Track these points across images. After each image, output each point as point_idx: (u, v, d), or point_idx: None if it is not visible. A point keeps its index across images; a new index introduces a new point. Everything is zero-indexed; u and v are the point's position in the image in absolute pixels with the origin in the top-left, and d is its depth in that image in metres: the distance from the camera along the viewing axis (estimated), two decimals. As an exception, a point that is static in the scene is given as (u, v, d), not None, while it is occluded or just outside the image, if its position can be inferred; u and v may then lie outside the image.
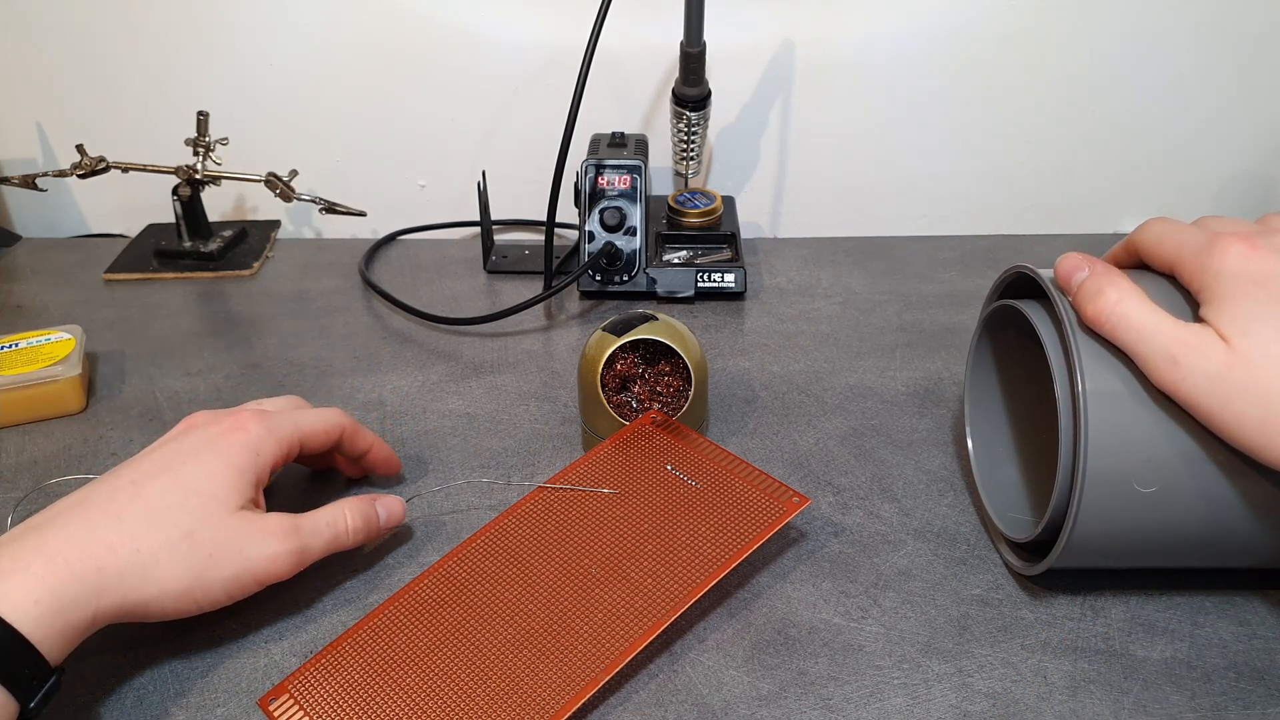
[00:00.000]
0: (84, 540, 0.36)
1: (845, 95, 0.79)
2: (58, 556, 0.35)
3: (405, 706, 0.38)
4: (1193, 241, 0.38)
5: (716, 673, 0.41)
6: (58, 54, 0.80)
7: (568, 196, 0.69)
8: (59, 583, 0.35)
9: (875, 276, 0.74)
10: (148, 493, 0.39)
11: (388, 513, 0.46)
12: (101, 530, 0.37)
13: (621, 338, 0.50)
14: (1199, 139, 0.80)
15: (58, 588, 0.35)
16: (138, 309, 0.71)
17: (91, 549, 0.36)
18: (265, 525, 0.41)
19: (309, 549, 0.42)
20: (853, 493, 0.51)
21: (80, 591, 0.35)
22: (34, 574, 0.35)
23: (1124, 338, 0.37)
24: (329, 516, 0.44)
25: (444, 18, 0.77)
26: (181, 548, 0.38)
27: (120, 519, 0.38)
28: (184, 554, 0.38)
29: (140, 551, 0.37)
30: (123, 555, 0.37)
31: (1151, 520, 0.39)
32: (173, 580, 0.38)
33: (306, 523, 0.43)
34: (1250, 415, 0.35)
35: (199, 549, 0.39)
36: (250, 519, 0.41)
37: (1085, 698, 0.39)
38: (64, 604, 0.35)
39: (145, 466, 0.40)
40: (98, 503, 0.38)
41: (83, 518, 0.37)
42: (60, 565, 0.35)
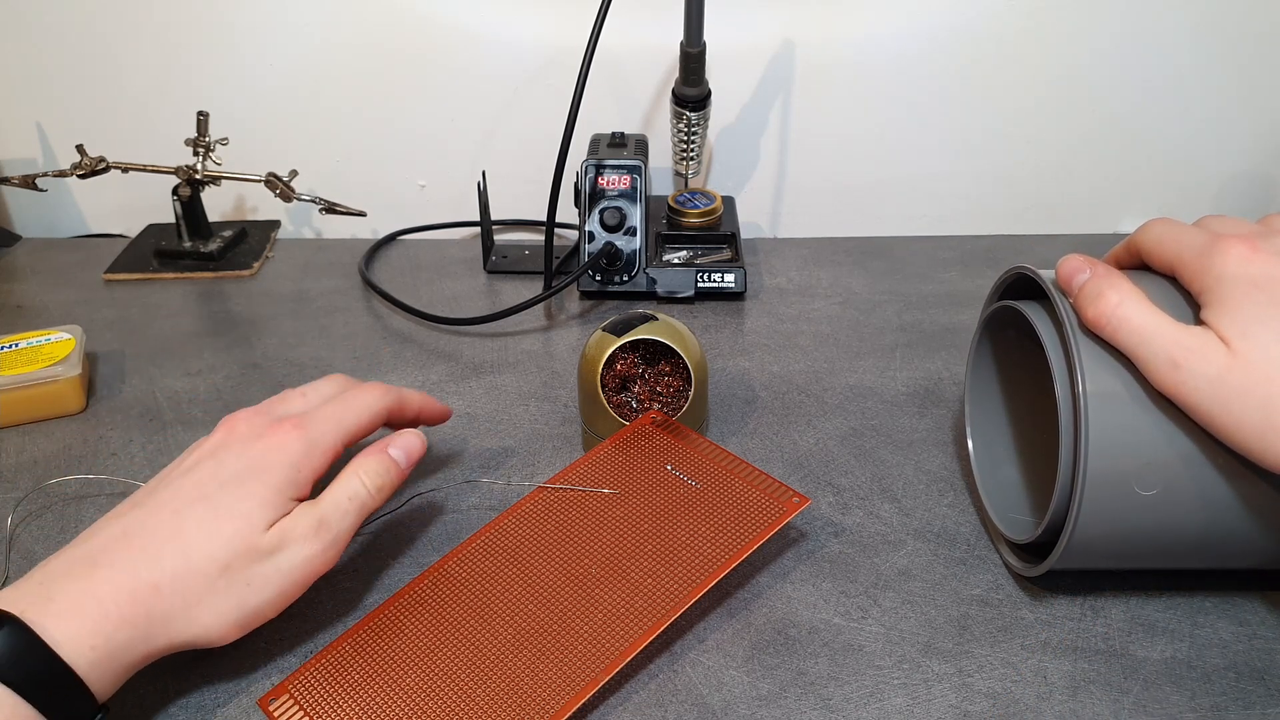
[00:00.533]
0: (131, 584, 0.36)
1: (845, 95, 0.79)
2: (109, 602, 0.36)
3: (405, 706, 0.38)
4: (1194, 243, 0.38)
5: (716, 673, 0.41)
6: (58, 54, 0.80)
7: (568, 196, 0.69)
8: (113, 629, 0.35)
9: (875, 276, 0.74)
10: (186, 525, 0.38)
11: (406, 453, 0.45)
12: (145, 570, 0.37)
13: (621, 338, 0.50)
14: (1199, 139, 0.80)
15: (111, 634, 0.35)
16: (138, 309, 0.71)
17: (138, 593, 0.36)
18: (295, 531, 0.40)
19: (340, 534, 0.41)
20: (853, 493, 0.51)
21: (131, 636, 0.36)
22: (89, 619, 0.35)
23: (1125, 340, 0.37)
24: (348, 490, 0.42)
25: (444, 18, 0.77)
26: (220, 583, 0.38)
27: (160, 557, 0.37)
28: (223, 588, 0.38)
29: (182, 592, 0.37)
30: (166, 597, 0.37)
31: (1152, 523, 0.39)
32: (216, 615, 0.38)
33: (329, 508, 0.41)
34: (1251, 418, 0.35)
35: (237, 580, 0.38)
36: (281, 531, 0.40)
37: (1085, 698, 0.39)
38: (116, 649, 0.35)
39: (185, 491, 0.40)
40: (139, 536, 0.38)
41: (127, 556, 0.37)
42: (112, 611, 0.35)
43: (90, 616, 0.35)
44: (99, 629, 0.35)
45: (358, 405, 0.45)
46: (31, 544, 0.48)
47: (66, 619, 0.35)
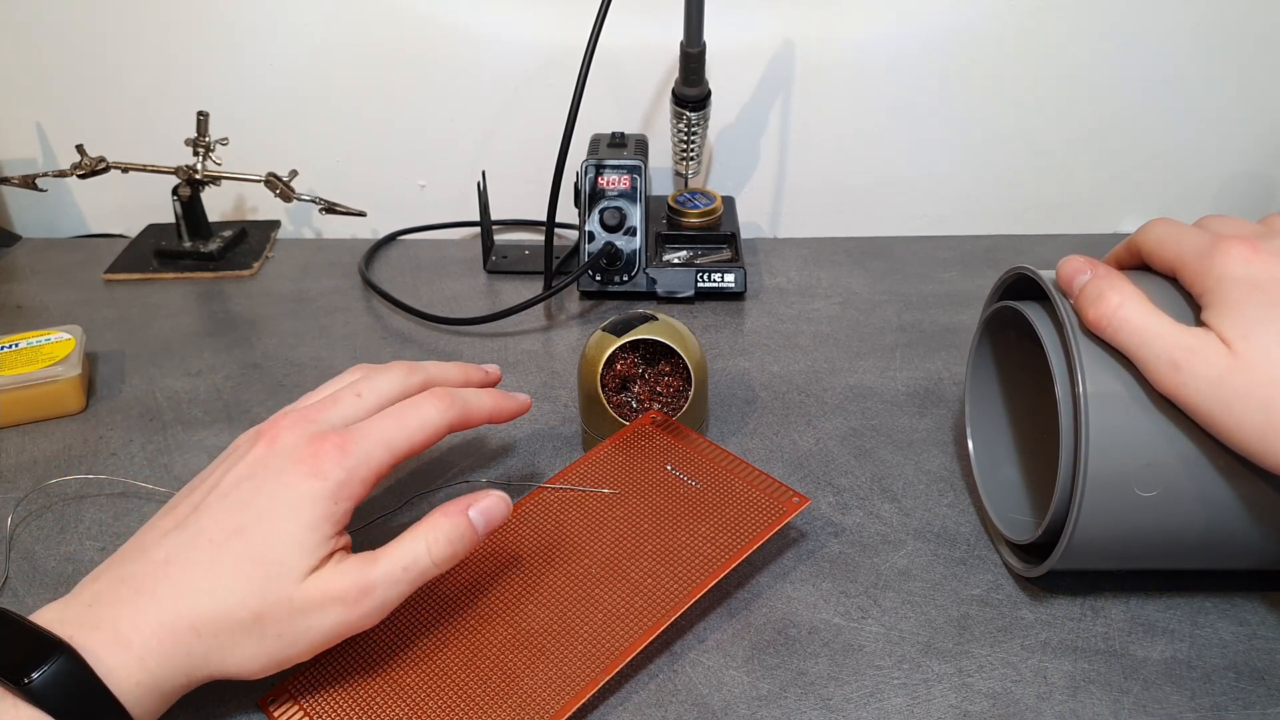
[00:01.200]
0: (172, 621, 0.36)
1: (845, 95, 0.79)
2: (151, 637, 0.35)
3: (405, 706, 0.38)
4: (1195, 244, 0.38)
5: (716, 673, 0.41)
6: (58, 54, 0.80)
7: (568, 196, 0.69)
8: (155, 665, 0.35)
9: (875, 276, 0.74)
10: (222, 561, 0.37)
11: (485, 518, 0.40)
12: (184, 609, 0.36)
13: (621, 338, 0.50)
14: (1199, 139, 0.80)
15: (154, 669, 0.35)
16: (138, 309, 0.71)
17: (178, 633, 0.36)
18: (334, 590, 0.37)
19: (387, 602, 0.38)
20: (853, 493, 0.51)
21: (172, 672, 0.36)
22: (134, 651, 0.35)
23: (1126, 342, 0.37)
24: (407, 557, 0.38)
25: (444, 18, 0.77)
26: (254, 632, 0.36)
27: (198, 595, 0.36)
28: (256, 637, 0.36)
29: (216, 636, 0.36)
30: (204, 639, 0.36)
31: (1152, 524, 0.39)
32: (250, 659, 0.37)
33: (380, 576, 0.38)
34: (1252, 420, 0.35)
35: (269, 631, 0.37)
36: (318, 586, 0.37)
37: (1085, 698, 0.39)
38: (158, 682, 0.35)
39: (222, 520, 0.38)
40: (180, 566, 0.37)
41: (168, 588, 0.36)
42: (154, 647, 0.35)
43: (135, 649, 0.35)
44: (143, 663, 0.35)
45: (413, 424, 0.41)
46: (31, 544, 0.48)
47: (114, 650, 0.34)
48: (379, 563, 0.38)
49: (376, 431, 0.40)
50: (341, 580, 0.37)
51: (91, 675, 0.33)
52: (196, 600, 0.36)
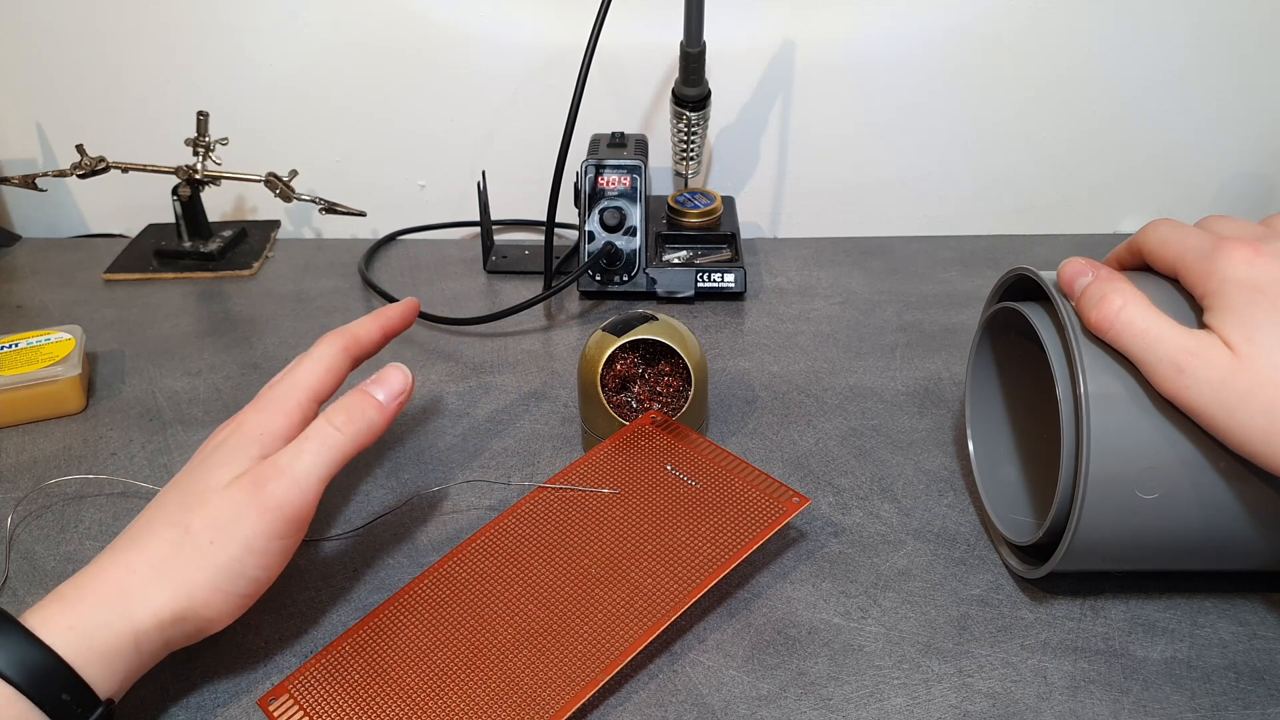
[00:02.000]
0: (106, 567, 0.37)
1: (845, 95, 0.79)
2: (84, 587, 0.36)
3: (405, 706, 0.38)
4: (1197, 246, 0.38)
5: (716, 673, 0.41)
6: (58, 54, 0.80)
7: (568, 196, 0.69)
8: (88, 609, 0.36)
9: (875, 276, 0.74)
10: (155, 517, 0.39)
11: (386, 388, 0.43)
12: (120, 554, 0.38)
13: (621, 338, 0.50)
14: (1199, 139, 0.80)
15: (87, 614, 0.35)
16: (138, 309, 0.71)
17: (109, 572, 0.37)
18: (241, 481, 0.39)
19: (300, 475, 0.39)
20: (853, 493, 0.51)
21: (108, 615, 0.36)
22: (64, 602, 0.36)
23: (1128, 345, 0.37)
24: (313, 434, 0.41)
25: (444, 18, 0.77)
26: (185, 546, 0.37)
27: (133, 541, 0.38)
28: (190, 549, 0.37)
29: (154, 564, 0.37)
30: (140, 573, 0.37)
31: (1153, 526, 0.39)
32: (195, 580, 0.37)
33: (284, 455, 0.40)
34: (1256, 423, 0.35)
35: (202, 538, 0.38)
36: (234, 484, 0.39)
37: (1085, 698, 0.39)
38: (94, 628, 0.35)
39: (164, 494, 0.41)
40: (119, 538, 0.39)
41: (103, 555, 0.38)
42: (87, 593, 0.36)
43: (67, 599, 0.36)
44: (73, 609, 0.35)
45: (309, 361, 0.44)
46: (31, 544, 0.48)
47: (46, 608, 0.36)
48: (281, 455, 0.40)
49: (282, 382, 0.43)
50: (249, 469, 0.39)
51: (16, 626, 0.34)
52: (134, 542, 0.38)
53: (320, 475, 0.40)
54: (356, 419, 0.42)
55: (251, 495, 0.39)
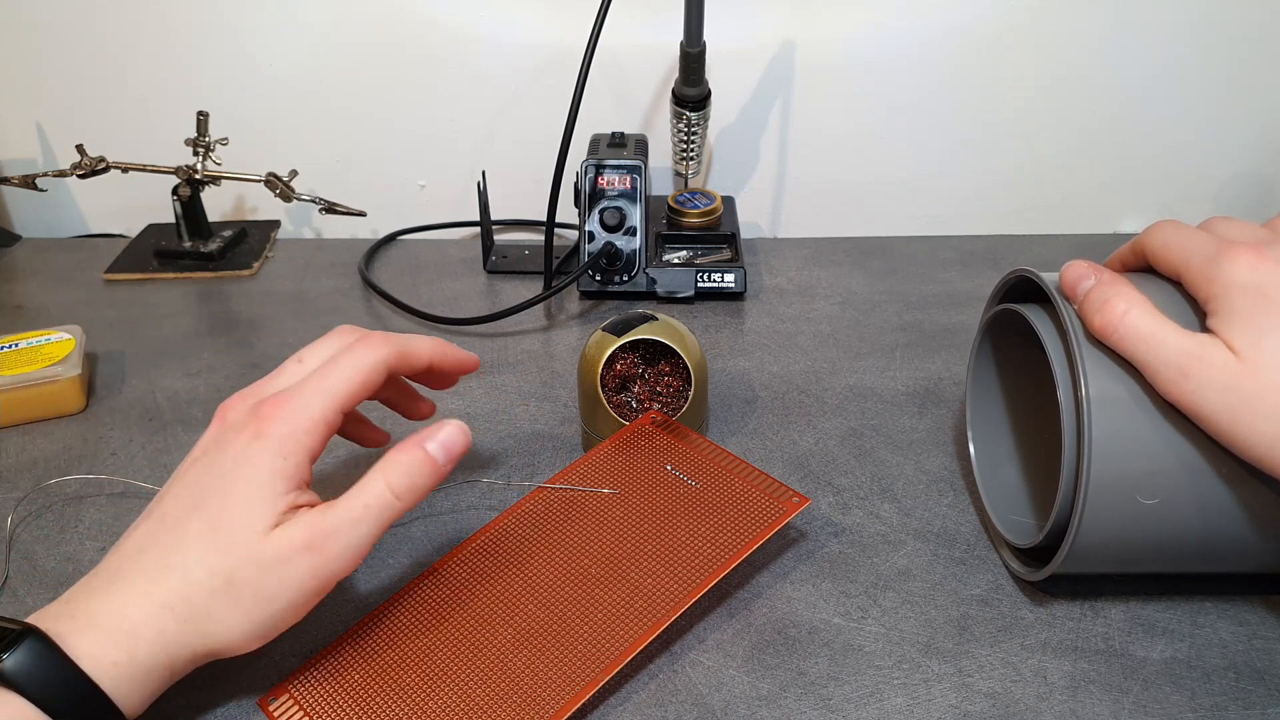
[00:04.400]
0: (145, 603, 0.36)
1: (845, 95, 0.79)
2: (128, 620, 0.35)
3: (405, 707, 0.38)
4: (1201, 249, 0.38)
5: (716, 673, 0.41)
6: (58, 54, 0.80)
7: (568, 196, 0.69)
8: (134, 646, 0.35)
9: (875, 276, 0.74)
10: (184, 538, 0.37)
11: (444, 448, 0.40)
12: (155, 589, 0.36)
13: (621, 338, 0.50)
14: (1199, 139, 0.80)
15: (134, 651, 0.35)
16: (138, 309, 0.71)
17: (152, 613, 0.36)
18: (295, 540, 0.37)
19: (353, 542, 0.38)
20: (853, 493, 0.51)
21: (153, 654, 0.35)
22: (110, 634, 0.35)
23: (1132, 349, 0.37)
24: (366, 496, 0.38)
25: (444, 18, 0.77)
26: (228, 596, 0.36)
27: (166, 574, 0.36)
28: (232, 600, 0.36)
29: (193, 608, 0.36)
30: (179, 614, 0.36)
31: (1154, 530, 0.39)
32: (230, 627, 0.37)
33: (338, 517, 0.38)
34: (1261, 427, 0.34)
35: (244, 592, 0.36)
36: (282, 537, 0.37)
37: (1085, 698, 0.39)
38: (140, 666, 0.35)
39: (183, 499, 0.38)
40: (150, 551, 0.37)
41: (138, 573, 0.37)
42: (131, 629, 0.35)
43: (111, 632, 0.35)
44: (121, 645, 0.35)
45: (348, 367, 0.40)
46: (31, 544, 0.48)
47: (88, 634, 0.34)
48: (337, 507, 0.38)
49: (313, 382, 0.40)
50: (301, 528, 0.37)
51: (62, 656, 0.33)
52: (167, 578, 0.36)
53: (373, 542, 0.39)
54: (417, 485, 0.39)
55: (309, 562, 0.37)
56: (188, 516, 0.38)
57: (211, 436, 0.41)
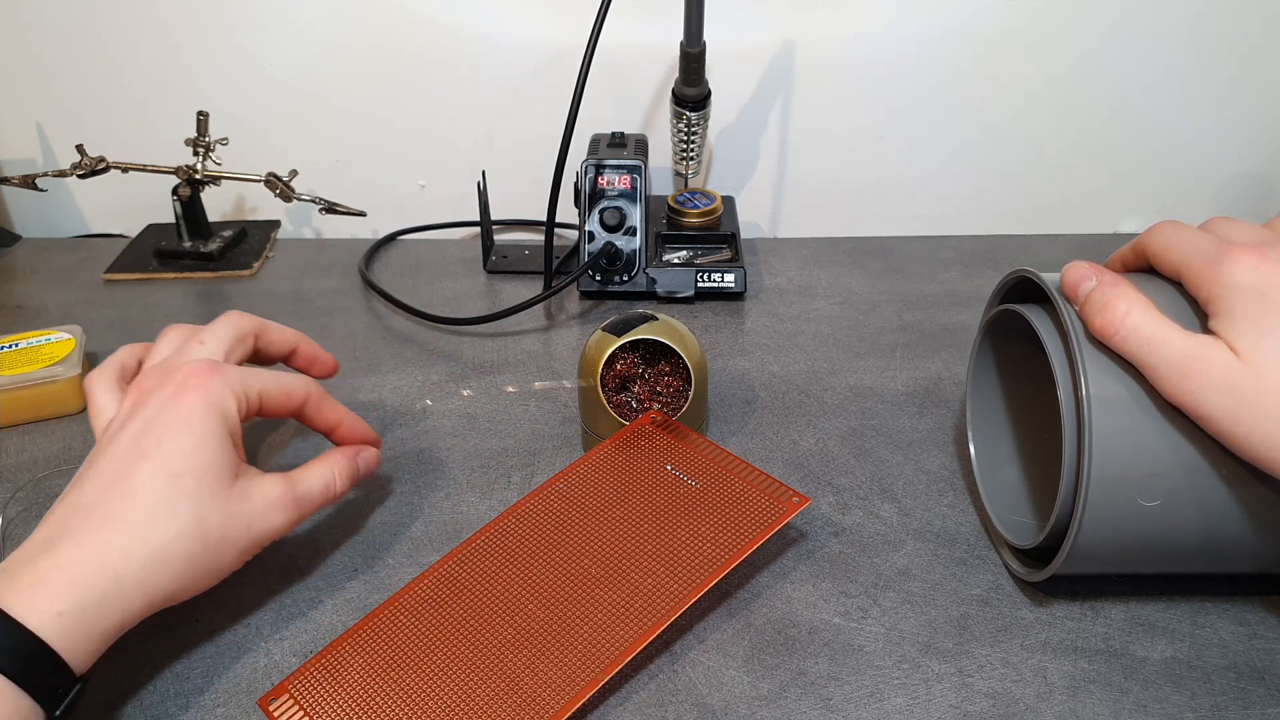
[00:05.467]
0: (97, 549, 0.36)
1: (845, 95, 0.79)
2: (73, 570, 0.36)
3: (405, 706, 0.38)
4: (1202, 250, 0.38)
5: (716, 673, 0.41)
6: (58, 54, 0.80)
7: (568, 196, 0.69)
8: (81, 595, 0.35)
9: (875, 276, 0.74)
10: (139, 486, 0.38)
11: (365, 465, 0.47)
12: (110, 535, 0.37)
13: (621, 338, 0.50)
14: (1199, 139, 0.80)
15: (80, 600, 0.35)
16: (138, 309, 0.71)
17: (106, 557, 0.36)
18: (268, 498, 0.41)
19: (305, 514, 0.43)
20: (853, 493, 0.51)
21: (100, 601, 0.36)
22: (54, 588, 0.35)
23: (1133, 351, 0.37)
24: (323, 480, 0.44)
25: (444, 18, 0.77)
26: (192, 537, 0.38)
27: (123, 520, 0.37)
28: (197, 542, 0.38)
29: (155, 550, 0.37)
30: (139, 558, 0.37)
31: (1154, 532, 0.39)
32: (189, 570, 0.38)
33: (303, 488, 0.43)
34: (1263, 428, 0.34)
35: (211, 534, 0.39)
36: (251, 491, 0.41)
37: (1085, 698, 0.39)
38: (87, 616, 0.35)
39: (121, 454, 0.39)
40: (94, 507, 0.38)
41: (87, 527, 0.37)
42: (79, 578, 0.35)
43: (55, 586, 0.35)
44: (67, 596, 0.35)
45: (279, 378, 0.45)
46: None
47: (30, 592, 0.35)
48: (302, 481, 0.43)
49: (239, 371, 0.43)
50: (276, 489, 0.42)
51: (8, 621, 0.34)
52: (125, 527, 0.37)
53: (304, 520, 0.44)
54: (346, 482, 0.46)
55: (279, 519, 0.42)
56: (136, 466, 0.38)
57: (133, 406, 0.41)
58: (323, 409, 0.47)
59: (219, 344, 0.45)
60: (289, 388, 0.45)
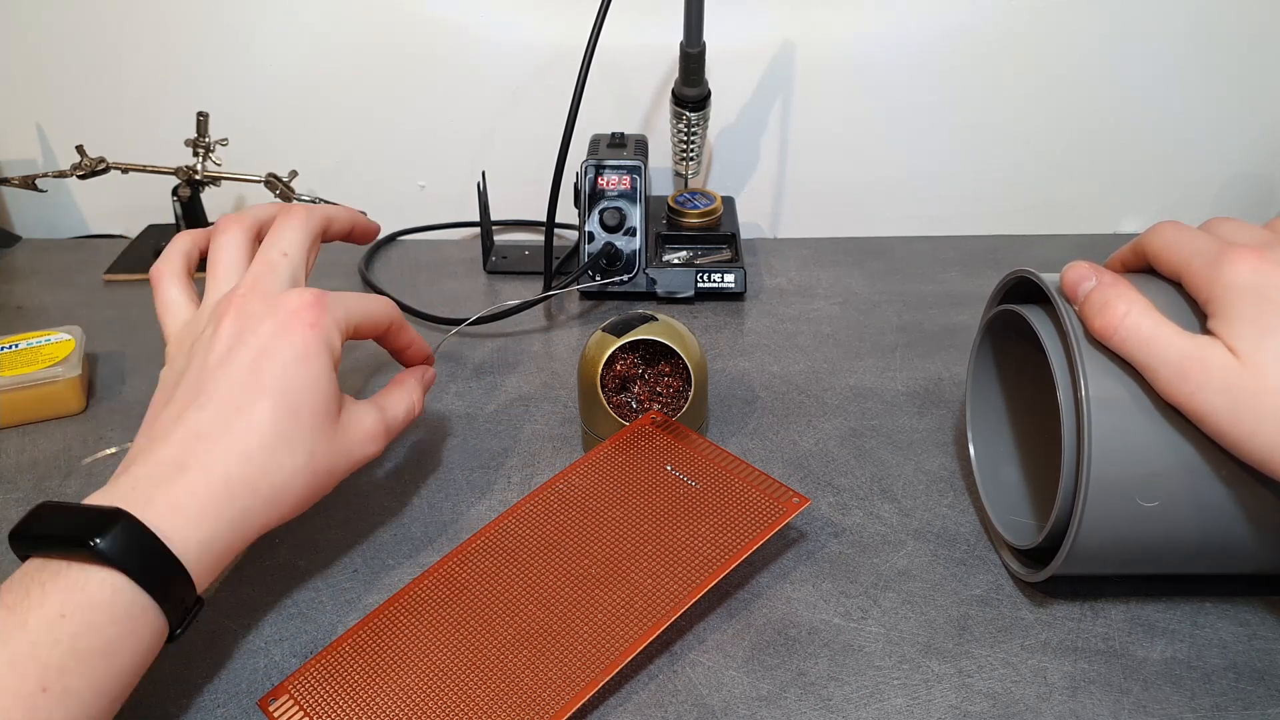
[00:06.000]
0: (228, 486, 0.38)
1: (845, 95, 0.79)
2: (210, 504, 0.37)
3: (405, 706, 0.38)
4: (1202, 250, 0.38)
5: (716, 673, 0.41)
6: (58, 54, 0.80)
7: (568, 196, 0.69)
8: (213, 523, 0.37)
9: (875, 276, 0.74)
10: (262, 421, 0.39)
11: (429, 384, 0.51)
12: (237, 467, 0.38)
13: (621, 338, 0.50)
14: (1199, 139, 0.80)
15: (214, 531, 0.37)
16: (138, 309, 0.71)
17: (235, 495, 0.38)
18: (365, 429, 0.44)
19: (392, 438, 0.46)
20: (853, 493, 0.51)
21: (230, 529, 0.38)
22: (192, 518, 0.37)
23: (1133, 351, 0.37)
24: (406, 405, 0.47)
25: (444, 18, 0.77)
26: (306, 473, 0.40)
27: (248, 456, 0.39)
28: (309, 476, 0.41)
29: (274, 485, 0.39)
30: (262, 492, 0.39)
31: (1154, 533, 0.39)
32: (299, 501, 0.41)
33: (391, 415, 0.46)
34: (1263, 430, 0.34)
35: (320, 468, 0.41)
36: (352, 425, 0.43)
37: (1085, 698, 0.39)
38: (216, 541, 0.38)
39: (240, 383, 0.40)
40: (219, 437, 0.39)
41: (215, 456, 0.38)
42: (210, 507, 0.37)
43: (191, 514, 0.37)
44: (201, 523, 0.37)
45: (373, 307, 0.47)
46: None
47: (172, 517, 0.36)
48: (388, 409, 0.46)
49: (340, 296, 0.45)
50: (371, 420, 0.44)
51: (153, 539, 0.35)
52: (250, 461, 0.39)
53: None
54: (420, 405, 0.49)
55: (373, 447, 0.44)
56: (258, 400, 0.40)
57: (238, 328, 0.42)
58: (402, 332, 0.49)
59: (300, 252, 0.46)
60: (377, 316, 0.47)
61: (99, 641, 0.33)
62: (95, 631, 0.33)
